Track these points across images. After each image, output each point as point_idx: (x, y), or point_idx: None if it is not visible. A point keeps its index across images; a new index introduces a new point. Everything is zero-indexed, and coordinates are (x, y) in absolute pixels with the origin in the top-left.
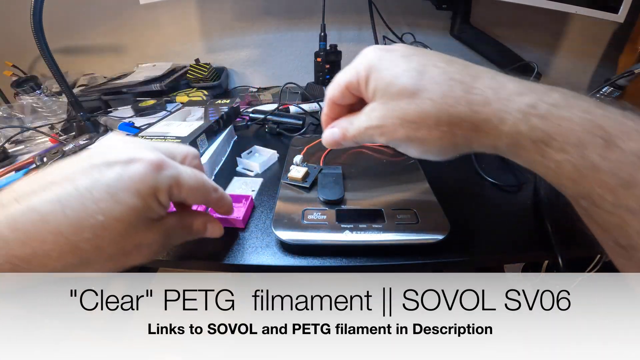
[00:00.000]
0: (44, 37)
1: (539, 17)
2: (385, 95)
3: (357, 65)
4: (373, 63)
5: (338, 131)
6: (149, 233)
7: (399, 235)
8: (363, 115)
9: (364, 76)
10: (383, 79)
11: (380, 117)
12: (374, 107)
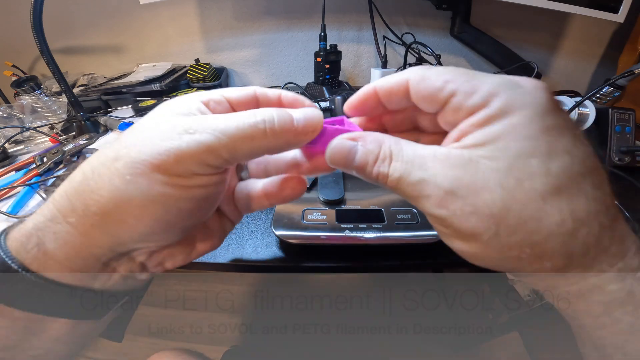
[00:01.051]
0: (44, 37)
1: (539, 17)
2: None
3: (483, 81)
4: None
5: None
6: (180, 117)
7: (399, 235)
8: (428, 156)
9: (483, 102)
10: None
11: (468, 183)
12: (466, 158)
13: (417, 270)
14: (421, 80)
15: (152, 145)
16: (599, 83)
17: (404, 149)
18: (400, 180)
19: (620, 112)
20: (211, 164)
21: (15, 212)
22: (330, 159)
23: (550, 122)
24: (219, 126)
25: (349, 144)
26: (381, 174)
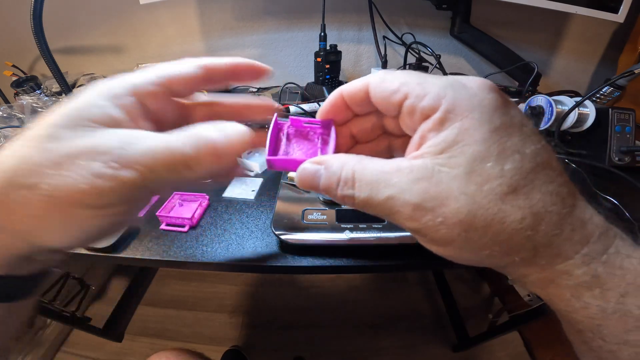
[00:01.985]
0: (44, 37)
1: (539, 17)
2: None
3: (432, 84)
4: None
5: (324, 176)
6: (91, 139)
7: (399, 235)
8: (392, 171)
9: (434, 106)
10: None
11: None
12: (429, 169)
13: (417, 270)
14: (380, 83)
15: (70, 179)
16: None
17: (368, 167)
18: (369, 201)
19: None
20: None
21: None
22: (299, 182)
23: (498, 122)
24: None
25: (313, 168)
26: (347, 196)
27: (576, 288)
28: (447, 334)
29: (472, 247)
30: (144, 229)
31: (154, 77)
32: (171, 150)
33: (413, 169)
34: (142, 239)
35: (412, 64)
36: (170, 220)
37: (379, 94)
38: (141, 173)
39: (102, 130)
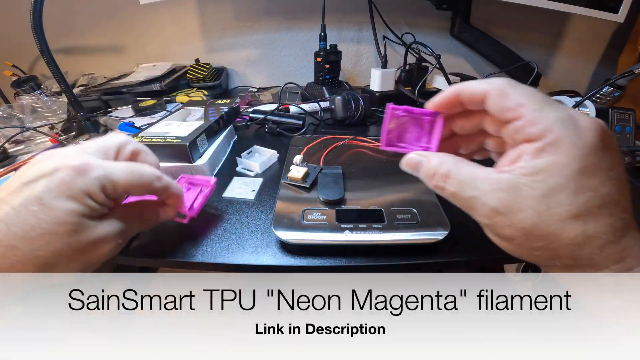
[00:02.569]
0: (44, 37)
1: (539, 17)
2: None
3: (546, 115)
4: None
5: (425, 167)
6: (98, 229)
7: (399, 235)
8: (482, 178)
9: (539, 135)
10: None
11: (509, 205)
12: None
13: (417, 270)
14: (500, 95)
15: None
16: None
17: (461, 169)
18: (455, 194)
19: (620, 112)
20: None
21: None
22: (405, 163)
23: (588, 163)
24: None
25: (418, 158)
26: (438, 186)
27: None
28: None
29: (527, 247)
30: None
31: (118, 184)
32: (143, 227)
33: (500, 181)
34: (142, 239)
35: (412, 64)
36: None
37: (496, 105)
38: (129, 237)
39: (100, 224)
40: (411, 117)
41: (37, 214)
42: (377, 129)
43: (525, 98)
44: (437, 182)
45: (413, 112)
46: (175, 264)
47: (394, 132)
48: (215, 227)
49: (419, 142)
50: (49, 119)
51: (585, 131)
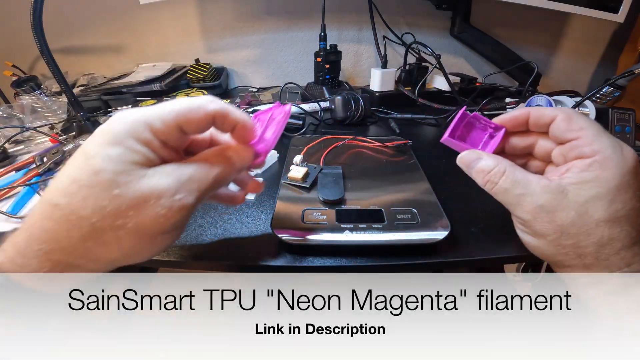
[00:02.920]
0: (44, 37)
1: (539, 17)
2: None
3: (600, 140)
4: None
5: (481, 164)
6: (145, 180)
7: (399, 235)
8: (534, 181)
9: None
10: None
11: (555, 205)
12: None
13: (417, 270)
14: (566, 119)
15: (151, 216)
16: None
17: (517, 171)
18: (508, 190)
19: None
20: None
21: (16, 212)
22: (460, 160)
23: (624, 180)
24: (197, 187)
25: (475, 155)
26: (490, 181)
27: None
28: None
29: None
30: None
31: (170, 118)
32: (211, 177)
33: (549, 185)
34: None
35: (412, 64)
36: None
37: (562, 126)
38: (197, 197)
39: (151, 173)
40: (478, 122)
41: (77, 165)
42: (377, 129)
43: (586, 124)
44: (492, 177)
45: (481, 119)
46: (175, 264)
47: (457, 132)
48: (215, 227)
49: (476, 146)
50: (49, 119)
51: (628, 157)
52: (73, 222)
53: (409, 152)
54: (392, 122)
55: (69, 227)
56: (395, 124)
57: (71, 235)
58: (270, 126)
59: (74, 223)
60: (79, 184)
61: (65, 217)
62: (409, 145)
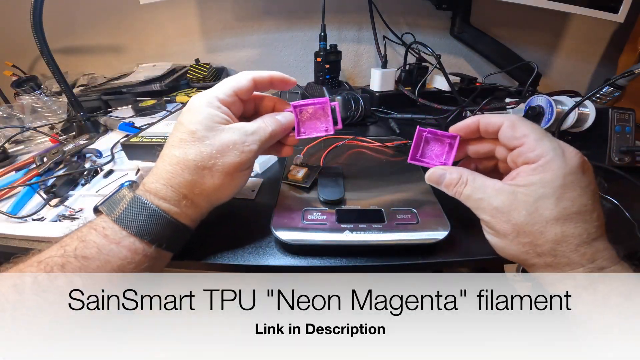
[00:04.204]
0: (44, 37)
1: (539, 17)
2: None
3: (543, 144)
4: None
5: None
6: (227, 134)
7: (399, 235)
8: (490, 186)
9: (535, 159)
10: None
11: (508, 205)
12: (510, 191)
13: (417, 270)
14: (511, 126)
15: (231, 158)
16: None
17: (476, 179)
18: (469, 196)
19: (620, 112)
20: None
21: (16, 212)
22: (428, 177)
23: (568, 181)
24: (259, 138)
25: (441, 171)
26: (458, 191)
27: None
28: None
29: (517, 243)
30: None
31: (229, 90)
32: (269, 132)
33: (502, 188)
34: None
35: (412, 64)
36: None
37: (507, 134)
38: (259, 146)
39: (227, 128)
40: (434, 137)
41: (180, 131)
42: (377, 129)
43: (529, 130)
44: (458, 188)
45: (437, 133)
46: (176, 264)
47: (420, 150)
48: (216, 227)
49: (439, 159)
50: (49, 119)
51: (569, 158)
52: (185, 164)
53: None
54: (392, 122)
55: (182, 168)
56: (395, 124)
57: (184, 173)
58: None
59: (186, 164)
60: (185, 141)
61: (180, 162)
62: (409, 145)
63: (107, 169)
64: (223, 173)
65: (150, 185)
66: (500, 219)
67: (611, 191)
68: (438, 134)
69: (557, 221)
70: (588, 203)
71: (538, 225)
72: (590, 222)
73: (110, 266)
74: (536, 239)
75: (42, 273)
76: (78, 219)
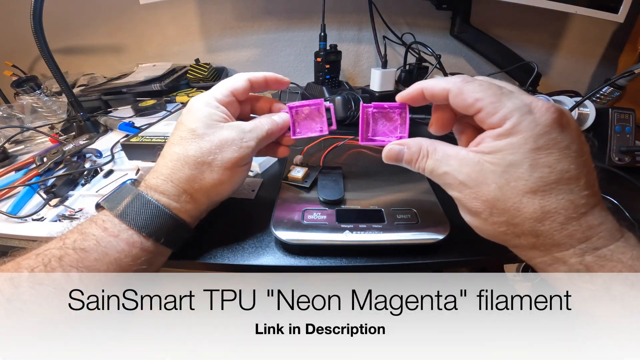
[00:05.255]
0: (44, 37)
1: (539, 17)
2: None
3: (503, 105)
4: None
5: (407, 154)
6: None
7: (399, 235)
8: (453, 156)
9: (499, 123)
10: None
11: (475, 178)
12: (476, 161)
13: (416, 270)
14: (458, 94)
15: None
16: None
17: (437, 149)
18: (432, 171)
19: (620, 112)
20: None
21: (16, 212)
22: (385, 157)
23: (541, 143)
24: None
25: (398, 148)
26: (421, 167)
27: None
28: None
29: (493, 223)
30: None
31: (226, 91)
32: (265, 130)
33: (466, 158)
34: None
35: (412, 64)
36: None
37: (458, 103)
38: (256, 143)
39: (226, 126)
40: (382, 112)
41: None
42: None
43: (481, 92)
44: (419, 163)
45: (383, 107)
46: (176, 264)
47: (370, 128)
48: (216, 227)
49: (394, 134)
50: (49, 119)
51: (540, 115)
52: (185, 160)
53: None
54: None
55: (182, 163)
56: None
57: (184, 168)
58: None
59: (186, 160)
60: (185, 139)
61: (180, 158)
62: None
63: (107, 169)
64: (222, 168)
65: (151, 181)
66: (468, 195)
67: (611, 191)
68: (385, 107)
69: (535, 194)
70: (571, 168)
71: (511, 200)
72: (577, 191)
73: (108, 259)
74: (512, 217)
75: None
76: (78, 219)
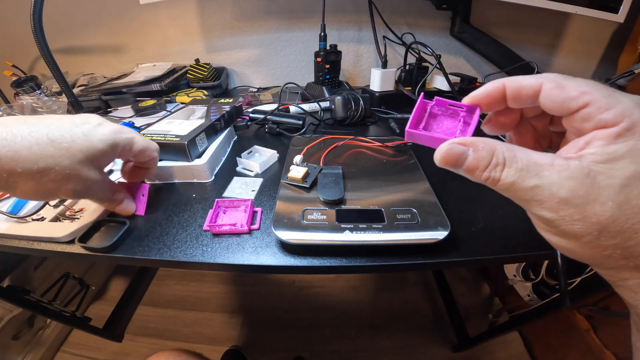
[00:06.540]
0: (44, 37)
1: (539, 17)
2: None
3: (619, 100)
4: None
5: (472, 158)
6: (94, 172)
7: (399, 235)
8: (545, 165)
9: (615, 121)
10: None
11: (584, 195)
12: (585, 173)
13: (417, 270)
14: (557, 87)
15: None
16: None
17: (517, 155)
18: (513, 185)
19: None
20: None
21: (16, 212)
22: (440, 160)
23: None
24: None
25: (460, 148)
26: (491, 178)
27: None
28: (447, 334)
29: (597, 246)
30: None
31: None
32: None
33: (568, 168)
34: (142, 239)
35: (412, 64)
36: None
37: (554, 97)
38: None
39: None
40: (444, 111)
41: (76, 139)
42: (377, 129)
43: (587, 87)
44: (490, 173)
45: (446, 104)
46: (176, 264)
47: (422, 124)
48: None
49: (452, 136)
50: None
51: None
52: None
53: (409, 152)
54: (392, 122)
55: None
56: (395, 124)
57: (45, 156)
58: None
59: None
60: (66, 145)
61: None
62: (409, 145)
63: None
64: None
65: None
66: (571, 217)
67: None
68: (449, 104)
69: None
70: None
71: (631, 221)
72: None
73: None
74: (626, 240)
75: None
76: (78, 219)
